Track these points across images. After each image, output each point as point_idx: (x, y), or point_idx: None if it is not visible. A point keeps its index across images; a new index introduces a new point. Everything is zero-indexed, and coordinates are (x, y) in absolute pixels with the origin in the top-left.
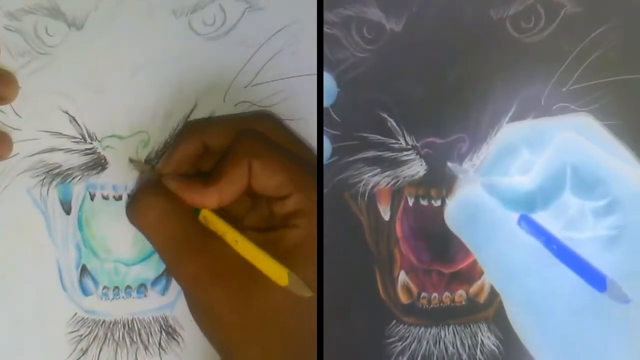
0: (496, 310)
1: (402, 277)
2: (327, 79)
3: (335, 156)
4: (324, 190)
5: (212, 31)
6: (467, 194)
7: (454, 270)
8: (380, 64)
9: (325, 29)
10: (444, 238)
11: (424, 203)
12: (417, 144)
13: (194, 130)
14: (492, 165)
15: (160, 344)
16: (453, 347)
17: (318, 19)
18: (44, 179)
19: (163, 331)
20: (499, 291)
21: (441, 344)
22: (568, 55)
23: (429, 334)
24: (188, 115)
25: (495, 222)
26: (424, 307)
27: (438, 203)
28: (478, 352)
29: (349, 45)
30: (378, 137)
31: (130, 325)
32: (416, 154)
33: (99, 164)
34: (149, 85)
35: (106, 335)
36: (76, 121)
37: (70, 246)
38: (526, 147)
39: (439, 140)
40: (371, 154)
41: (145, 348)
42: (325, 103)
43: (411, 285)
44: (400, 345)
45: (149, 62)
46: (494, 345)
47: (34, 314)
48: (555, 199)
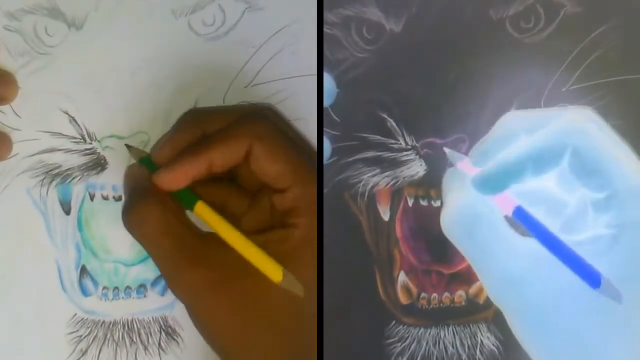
0: (496, 311)
1: (402, 278)
2: (327, 79)
3: (335, 156)
4: (324, 190)
5: (212, 31)
6: (464, 203)
7: (453, 271)
8: (380, 64)
9: (325, 29)
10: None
11: (424, 203)
12: (417, 144)
13: (194, 118)
14: (489, 147)
15: (159, 344)
16: (453, 348)
17: (318, 19)
18: (44, 179)
19: (162, 331)
20: (494, 300)
21: (441, 344)
22: (568, 56)
23: (429, 334)
24: None
25: (493, 232)
26: (424, 308)
27: (438, 203)
28: (478, 353)
29: (348, 45)
30: (378, 138)
31: (129, 326)
32: (416, 154)
33: (98, 164)
34: (149, 86)
35: (106, 336)
36: (76, 121)
37: (69, 246)
38: (526, 135)
39: (438, 141)
40: (371, 154)
41: (145, 348)
42: (325, 103)
43: (411, 285)
44: (400, 345)
45: (148, 63)
46: (494, 345)
47: (34, 315)
48: (547, 169)
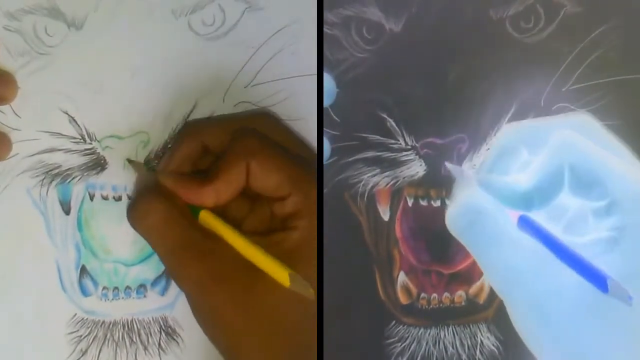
0: (496, 311)
1: (402, 278)
2: (327, 79)
3: (335, 156)
4: (324, 191)
5: (212, 31)
6: (468, 198)
7: (453, 271)
8: (380, 64)
9: (324, 29)
10: (444, 238)
11: (424, 203)
12: (417, 144)
13: (192, 130)
14: (492, 166)
15: (159, 344)
16: (452, 348)
17: (318, 19)
18: (44, 179)
19: (162, 332)
20: (500, 295)
21: (441, 344)
22: (568, 56)
23: (429, 334)
24: (188, 116)
25: (496, 227)
26: (424, 308)
27: (437, 203)
28: (477, 353)
29: (348, 45)
30: (377, 138)
31: (129, 326)
32: (415, 154)
33: (98, 164)
34: (149, 86)
35: (106, 336)
36: (76, 121)
37: (69, 246)
38: (525, 147)
39: (438, 141)
40: (371, 154)
41: (145, 348)
42: (325, 103)
43: (411, 285)
44: (400, 345)
45: (148, 63)
46: (494, 345)
47: (34, 315)
48: (553, 198)
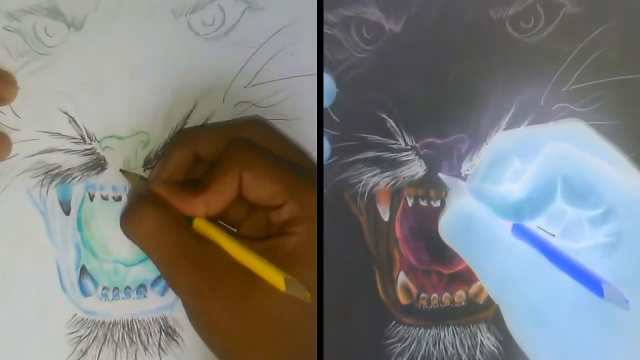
0: (496, 311)
1: (402, 278)
2: (327, 79)
3: (335, 157)
4: (324, 191)
5: (212, 31)
6: (460, 206)
7: (453, 271)
8: (380, 64)
9: (324, 29)
10: None
11: (424, 204)
12: (417, 145)
13: (185, 139)
14: (485, 174)
15: (159, 344)
16: (453, 348)
17: (318, 19)
18: (44, 179)
19: (163, 332)
20: (495, 300)
21: (441, 344)
22: (568, 56)
23: (429, 334)
24: (188, 116)
25: (490, 234)
26: (424, 308)
27: (437, 204)
28: (477, 353)
29: (348, 45)
30: (377, 138)
31: (129, 326)
32: (415, 155)
33: (98, 165)
34: (149, 86)
35: (106, 336)
36: (75, 122)
37: (69, 247)
38: (517, 156)
39: (438, 141)
40: (370, 154)
41: (145, 349)
42: (325, 103)
43: (410, 285)
44: (400, 346)
45: (148, 63)
46: (494, 345)
47: (34, 315)
48: (544, 209)
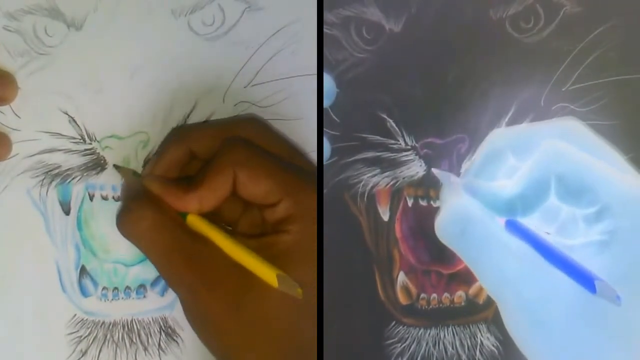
0: (495, 311)
1: (402, 278)
2: (327, 79)
3: (335, 157)
4: (324, 191)
5: (212, 31)
6: (455, 206)
7: (453, 271)
8: (380, 64)
9: (324, 29)
10: None
11: (423, 203)
12: (417, 145)
13: (180, 136)
14: (479, 171)
15: (159, 344)
16: (452, 348)
17: (318, 19)
18: (44, 179)
19: (162, 332)
20: (494, 299)
21: (440, 345)
22: (568, 55)
23: (429, 335)
24: (188, 115)
25: (486, 233)
26: (423, 308)
27: (437, 204)
28: (477, 353)
29: (348, 45)
30: (377, 138)
31: (129, 326)
32: (415, 155)
33: (98, 165)
34: (148, 86)
35: (105, 337)
36: (75, 122)
37: (69, 247)
38: (512, 153)
39: (438, 141)
40: (370, 154)
41: (145, 349)
42: (325, 104)
43: (410, 286)
44: (400, 346)
45: (148, 63)
46: (494, 346)
47: (34, 315)
48: (537, 206)
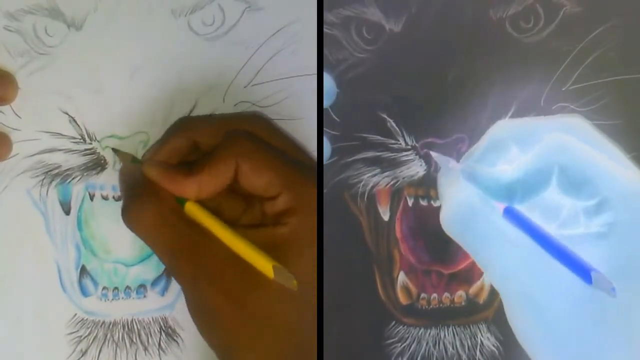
0: (496, 311)
1: (402, 278)
2: (327, 79)
3: (335, 157)
4: (324, 191)
5: (212, 31)
6: (460, 198)
7: (453, 271)
8: (380, 64)
9: (324, 29)
10: (444, 238)
11: (424, 203)
12: (417, 144)
13: (185, 127)
14: (480, 158)
15: (159, 344)
16: (453, 348)
17: (318, 19)
18: (44, 179)
19: (163, 332)
20: (498, 291)
21: (441, 344)
22: (567, 55)
23: (429, 334)
24: (187, 115)
25: (490, 224)
26: (424, 308)
27: (437, 203)
28: (477, 353)
29: (348, 45)
30: (377, 138)
31: (129, 326)
32: (415, 155)
33: (98, 164)
34: (149, 86)
35: (106, 336)
36: (76, 121)
37: (69, 246)
38: (515, 144)
39: (438, 141)
40: (370, 154)
41: (145, 349)
42: (325, 103)
43: (410, 286)
44: (400, 346)
45: (148, 63)
46: (494, 346)
47: (34, 315)
48: (536, 194)
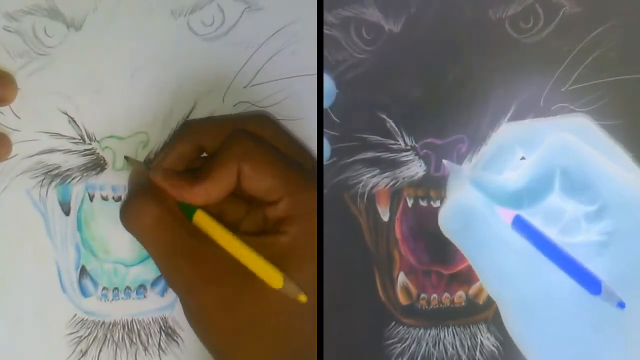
0: (495, 312)
1: (402, 278)
2: (326, 80)
3: (334, 157)
4: (324, 191)
5: (211, 31)
6: (460, 199)
7: (453, 272)
8: (379, 64)
9: (324, 30)
10: (443, 239)
11: (423, 204)
12: (416, 145)
13: (189, 131)
14: (487, 164)
15: (159, 345)
16: (452, 349)
17: (318, 19)
18: (43, 179)
19: (162, 332)
20: (492, 297)
21: (441, 345)
22: (567, 56)
23: (429, 335)
24: (187, 116)
25: (489, 229)
26: (424, 308)
27: (437, 204)
28: (477, 354)
29: (347, 46)
30: (377, 138)
31: (129, 327)
32: (415, 155)
33: (98, 165)
34: (148, 86)
35: (106, 337)
36: (75, 122)
37: (69, 247)
38: (521, 148)
39: (438, 141)
40: (370, 155)
41: (145, 349)
42: (324, 104)
43: (410, 286)
44: (400, 346)
45: (147, 63)
46: (494, 346)
47: (34, 316)
48: (543, 198)
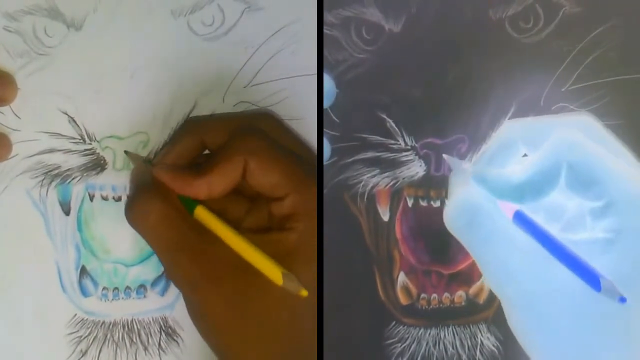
0: (496, 311)
1: (402, 278)
2: (326, 80)
3: (335, 157)
4: (324, 191)
5: (211, 31)
6: (466, 196)
7: (453, 271)
8: (379, 64)
9: (324, 30)
10: (444, 239)
11: (424, 204)
12: (416, 145)
13: (193, 128)
14: (490, 160)
15: (159, 344)
16: (453, 348)
17: (318, 19)
18: (43, 179)
19: (163, 332)
20: (496, 294)
21: (441, 345)
22: (567, 55)
23: (429, 335)
24: (187, 116)
25: (493, 225)
26: (424, 308)
27: (437, 204)
28: (477, 353)
29: (348, 46)
30: (377, 138)
31: (129, 326)
32: (415, 155)
33: (98, 165)
34: (148, 86)
35: (106, 336)
36: (75, 122)
37: (69, 247)
38: (524, 145)
39: (438, 141)
40: (370, 154)
41: (145, 349)
42: (325, 104)
43: (410, 286)
44: (400, 346)
45: (148, 63)
46: (494, 346)
47: (34, 316)
48: (546, 193)
